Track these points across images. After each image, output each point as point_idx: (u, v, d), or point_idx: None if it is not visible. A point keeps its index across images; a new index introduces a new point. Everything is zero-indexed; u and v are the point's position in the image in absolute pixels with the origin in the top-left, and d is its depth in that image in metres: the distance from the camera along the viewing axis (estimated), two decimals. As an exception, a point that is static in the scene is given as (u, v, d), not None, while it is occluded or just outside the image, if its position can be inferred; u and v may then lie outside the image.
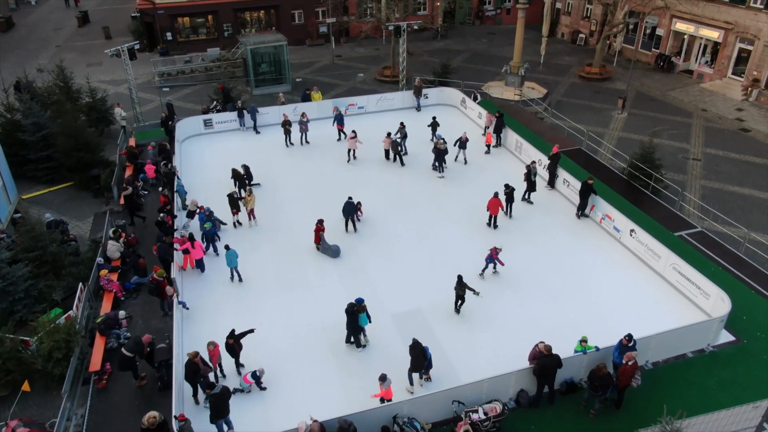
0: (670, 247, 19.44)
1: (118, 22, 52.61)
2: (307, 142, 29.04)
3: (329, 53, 44.63)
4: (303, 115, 28.80)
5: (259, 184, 25.09)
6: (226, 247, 19.57)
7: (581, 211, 22.84)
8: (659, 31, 42.23)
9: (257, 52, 36.55)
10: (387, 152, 27.43)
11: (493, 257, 19.20)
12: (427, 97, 33.29)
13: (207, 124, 30.55)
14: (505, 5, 55.71)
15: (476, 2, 54.03)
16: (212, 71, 39.78)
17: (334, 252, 20.79)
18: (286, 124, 28.47)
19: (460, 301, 17.93)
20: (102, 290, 18.84)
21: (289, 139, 28.89)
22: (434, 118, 29.44)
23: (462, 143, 26.58)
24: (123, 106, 31.83)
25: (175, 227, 21.14)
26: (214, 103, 31.83)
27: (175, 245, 19.69)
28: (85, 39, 50.04)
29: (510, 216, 23.04)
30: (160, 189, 23.45)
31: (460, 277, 17.63)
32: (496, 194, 21.75)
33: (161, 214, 21.22)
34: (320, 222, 20.79)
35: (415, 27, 33.64)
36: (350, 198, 21.84)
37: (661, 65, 42.26)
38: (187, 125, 30.08)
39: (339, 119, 29.24)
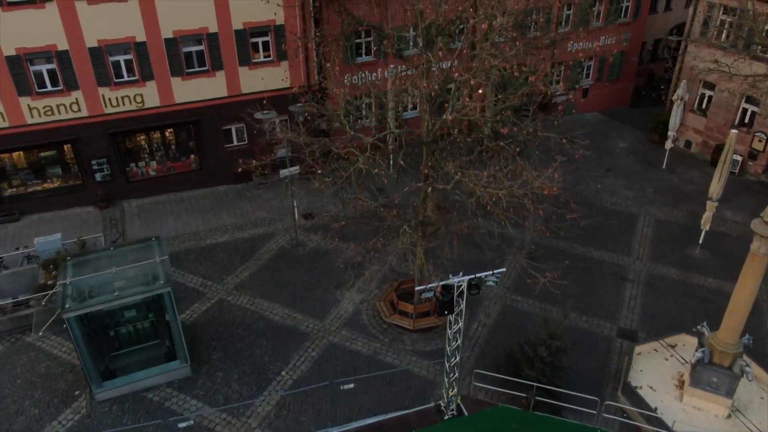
0: None
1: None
2: None
3: (290, 208, 23.05)
4: None
5: None
6: None
7: None
8: None
9: (100, 315, 15.12)
10: None
11: None
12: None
13: None
14: (582, 84, 34.94)
15: (539, 86, 32.95)
16: (50, 305, 18.67)
17: None
18: None
19: None
20: None
21: None
22: None
23: None
24: None
25: None
26: None
27: None
28: None
29: None
30: None
31: None
32: None
33: None
34: None
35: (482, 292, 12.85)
36: None
37: None
38: None
39: None
